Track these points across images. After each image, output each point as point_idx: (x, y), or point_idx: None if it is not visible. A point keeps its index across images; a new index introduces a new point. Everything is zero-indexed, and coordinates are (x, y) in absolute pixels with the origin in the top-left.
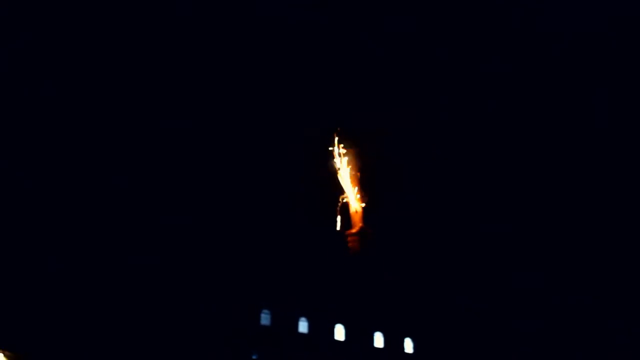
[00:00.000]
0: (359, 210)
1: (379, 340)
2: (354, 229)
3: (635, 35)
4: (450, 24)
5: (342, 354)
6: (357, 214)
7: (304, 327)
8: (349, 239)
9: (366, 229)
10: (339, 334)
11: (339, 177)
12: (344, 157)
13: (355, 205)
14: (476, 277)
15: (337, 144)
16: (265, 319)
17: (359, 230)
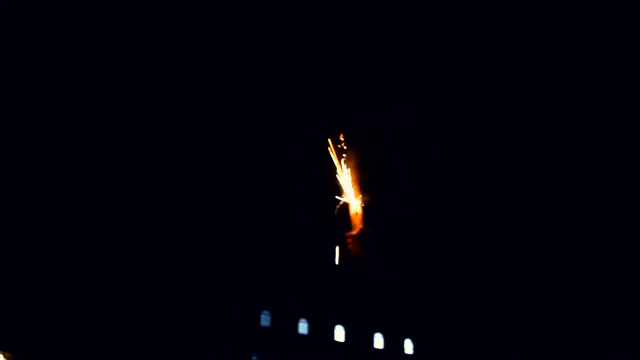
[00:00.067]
0: (359, 212)
1: (378, 341)
2: (354, 231)
3: (635, 35)
4: (450, 24)
5: (342, 355)
6: (357, 216)
7: (303, 328)
8: (348, 241)
9: (366, 230)
10: (339, 335)
11: (339, 178)
12: (344, 158)
13: (355, 207)
14: (476, 277)
15: (337, 145)
16: (265, 320)
17: (359, 232)
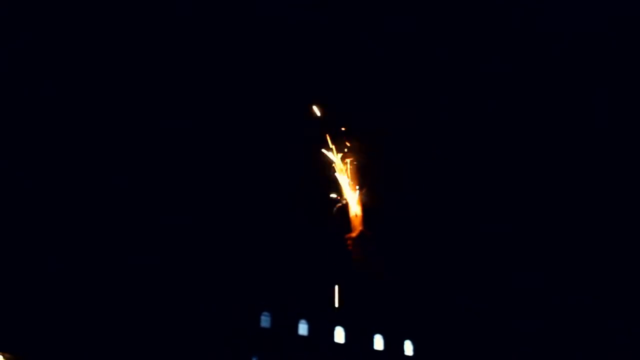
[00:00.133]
0: (358, 214)
1: (378, 342)
2: (354, 233)
3: (635, 35)
4: (450, 24)
5: (342, 356)
6: (357, 217)
7: (303, 329)
8: (348, 243)
9: (366, 232)
10: (339, 336)
11: (339, 179)
12: (344, 158)
13: (355, 208)
14: (476, 277)
15: (337, 146)
16: (265, 321)
17: (359, 233)
